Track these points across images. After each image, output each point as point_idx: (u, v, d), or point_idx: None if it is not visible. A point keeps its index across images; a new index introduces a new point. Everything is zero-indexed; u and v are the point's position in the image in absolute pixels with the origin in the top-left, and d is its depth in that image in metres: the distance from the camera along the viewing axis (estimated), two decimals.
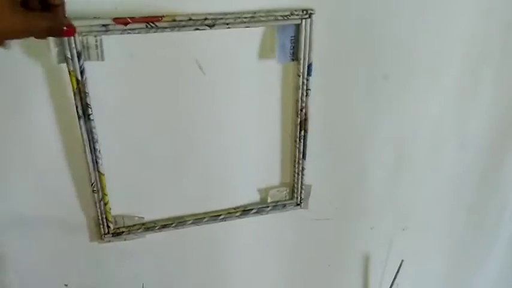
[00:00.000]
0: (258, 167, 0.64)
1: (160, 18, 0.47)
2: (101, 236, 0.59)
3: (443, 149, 0.74)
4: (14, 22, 0.38)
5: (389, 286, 0.81)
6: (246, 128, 0.60)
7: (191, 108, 0.56)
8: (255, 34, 0.54)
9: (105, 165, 0.54)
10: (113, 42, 0.49)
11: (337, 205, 0.72)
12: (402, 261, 0.80)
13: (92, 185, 0.55)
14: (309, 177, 0.65)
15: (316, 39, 0.55)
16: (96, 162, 0.54)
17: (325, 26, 0.55)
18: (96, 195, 0.56)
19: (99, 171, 0.54)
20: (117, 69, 0.50)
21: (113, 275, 0.65)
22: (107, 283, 0.66)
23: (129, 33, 0.47)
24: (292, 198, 0.66)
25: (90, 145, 0.52)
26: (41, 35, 0.42)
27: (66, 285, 0.64)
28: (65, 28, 0.42)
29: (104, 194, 0.56)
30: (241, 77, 0.56)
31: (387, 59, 0.61)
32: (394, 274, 0.80)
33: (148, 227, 0.61)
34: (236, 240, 0.69)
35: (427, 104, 0.68)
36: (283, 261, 0.75)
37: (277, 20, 0.52)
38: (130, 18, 0.46)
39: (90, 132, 0.51)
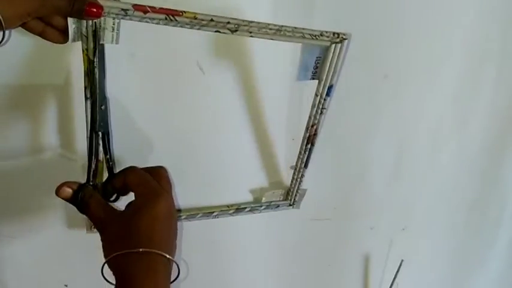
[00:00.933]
0: (256, 169, 0.64)
1: (181, 14, 0.46)
2: (91, 226, 0.57)
3: (443, 149, 0.74)
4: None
5: (389, 286, 0.81)
6: (248, 131, 0.60)
7: (191, 107, 0.56)
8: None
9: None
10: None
11: (336, 205, 0.72)
12: (402, 261, 0.80)
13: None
14: (308, 177, 0.65)
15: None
16: (96, 149, 0.51)
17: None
18: None
19: (97, 160, 0.52)
20: (116, 69, 0.50)
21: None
22: (106, 283, 0.66)
23: (147, 21, 0.46)
24: (286, 199, 0.67)
25: (91, 132, 0.50)
26: (61, 13, 0.39)
27: (66, 285, 0.64)
28: (87, 7, 0.39)
29: None
30: (249, 86, 0.56)
31: (387, 59, 0.61)
32: (394, 274, 0.80)
33: None
34: (235, 241, 0.69)
35: (427, 104, 0.68)
36: (282, 261, 0.75)
37: (304, 38, 0.49)
38: (150, 7, 0.45)
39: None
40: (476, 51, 0.65)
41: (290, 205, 0.67)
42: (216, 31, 0.47)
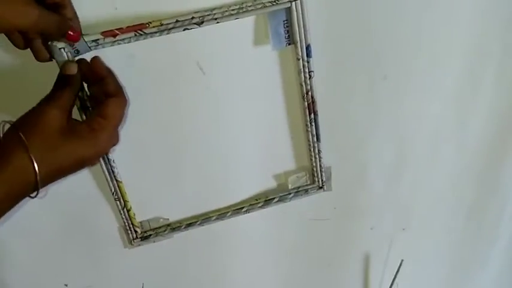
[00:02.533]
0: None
1: (147, 25, 0.47)
2: (130, 241, 0.60)
3: (443, 149, 0.74)
4: (25, 14, 0.38)
5: (389, 286, 0.81)
6: (256, 118, 0.60)
7: (197, 105, 0.56)
8: (250, 24, 0.53)
9: (122, 173, 0.55)
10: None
11: (336, 205, 0.72)
12: (402, 261, 0.80)
13: (112, 193, 0.55)
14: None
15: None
16: (112, 171, 0.54)
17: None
18: (118, 202, 0.56)
19: (116, 180, 0.55)
20: (116, 69, 0.50)
21: (113, 275, 0.66)
22: (106, 283, 0.66)
23: (119, 43, 0.47)
24: (313, 182, 0.65)
25: (104, 156, 0.52)
26: (48, 32, 0.41)
27: (66, 285, 0.64)
28: (70, 32, 0.42)
29: (125, 201, 0.57)
30: (243, 69, 0.56)
31: (387, 59, 0.61)
32: (394, 274, 0.80)
33: (174, 227, 0.62)
34: (235, 241, 0.69)
35: (427, 104, 0.68)
36: (282, 261, 0.75)
37: (265, 7, 0.50)
38: (117, 29, 0.46)
39: None
40: (476, 51, 0.65)
41: (320, 187, 0.65)
42: (184, 29, 0.48)
